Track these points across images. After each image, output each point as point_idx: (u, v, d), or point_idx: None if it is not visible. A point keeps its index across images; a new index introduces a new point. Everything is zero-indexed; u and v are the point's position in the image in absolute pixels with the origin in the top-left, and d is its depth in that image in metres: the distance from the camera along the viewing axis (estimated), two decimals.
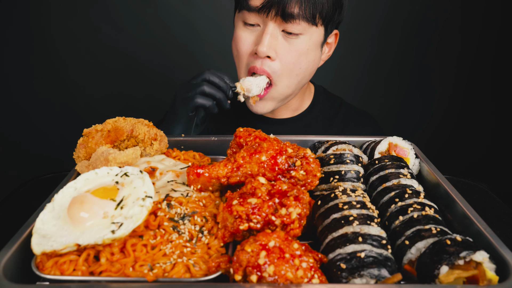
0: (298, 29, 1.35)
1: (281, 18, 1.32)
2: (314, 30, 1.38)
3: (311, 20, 1.33)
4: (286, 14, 1.30)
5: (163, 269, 0.80)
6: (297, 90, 1.52)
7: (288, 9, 1.29)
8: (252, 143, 1.06)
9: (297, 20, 1.32)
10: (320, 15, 1.35)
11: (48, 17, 2.82)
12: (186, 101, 1.36)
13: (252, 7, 1.35)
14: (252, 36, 1.41)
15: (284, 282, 0.74)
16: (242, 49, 1.43)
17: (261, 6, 1.32)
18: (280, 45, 1.38)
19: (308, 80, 1.55)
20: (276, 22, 1.35)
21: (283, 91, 1.46)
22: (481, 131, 3.26)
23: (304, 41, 1.38)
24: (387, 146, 1.23)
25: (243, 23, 1.42)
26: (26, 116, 3.06)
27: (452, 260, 0.75)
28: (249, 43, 1.42)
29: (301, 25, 1.34)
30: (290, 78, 1.43)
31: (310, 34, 1.38)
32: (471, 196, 1.37)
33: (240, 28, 1.44)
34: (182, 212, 0.91)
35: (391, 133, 1.28)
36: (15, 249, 0.82)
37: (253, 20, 1.39)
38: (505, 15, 2.92)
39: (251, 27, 1.41)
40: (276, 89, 1.44)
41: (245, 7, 1.37)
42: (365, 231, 0.83)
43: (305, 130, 1.69)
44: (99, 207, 0.85)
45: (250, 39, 1.41)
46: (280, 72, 1.41)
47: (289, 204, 0.85)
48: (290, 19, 1.31)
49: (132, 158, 1.03)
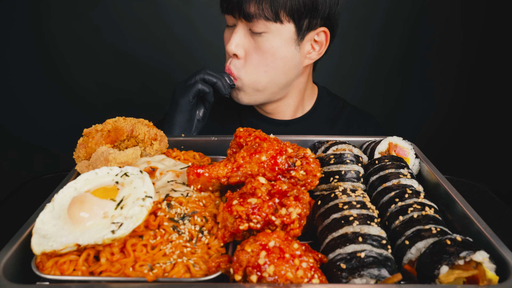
0: (260, 28, 1.38)
1: (243, 18, 1.38)
2: (280, 27, 1.39)
3: (272, 18, 1.36)
4: (245, 15, 1.36)
5: (163, 269, 0.80)
6: (274, 88, 1.54)
7: (245, 9, 1.35)
8: (252, 143, 1.06)
9: (255, 19, 1.36)
10: (285, 11, 1.36)
11: (49, 18, 2.82)
12: (186, 88, 1.43)
13: (223, 10, 1.46)
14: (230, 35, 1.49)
15: (284, 282, 0.74)
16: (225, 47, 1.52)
17: (225, 8, 1.42)
18: (247, 44, 1.44)
19: (288, 80, 1.54)
20: (243, 22, 1.41)
21: (250, 85, 1.50)
22: (481, 131, 3.26)
23: (269, 39, 1.41)
24: (387, 146, 1.23)
25: (226, 25, 1.53)
26: (27, 115, 3.06)
27: (452, 260, 0.75)
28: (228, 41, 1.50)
29: (262, 24, 1.37)
30: (257, 75, 1.48)
31: (276, 32, 1.40)
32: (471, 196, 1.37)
33: (226, 29, 1.54)
34: (182, 212, 0.91)
35: (391, 133, 1.28)
36: (15, 249, 0.82)
37: (231, 22, 1.47)
38: (505, 15, 2.92)
39: (231, 28, 1.49)
40: (242, 81, 1.50)
41: (221, 10, 1.48)
42: (365, 231, 0.83)
43: (308, 131, 1.68)
44: (99, 207, 0.85)
45: (228, 38, 1.50)
46: (244, 70, 1.47)
47: (289, 204, 0.85)
48: (250, 18, 1.37)
49: (132, 158, 1.04)
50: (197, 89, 1.42)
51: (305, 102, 1.72)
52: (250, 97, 1.54)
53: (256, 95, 1.54)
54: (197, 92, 1.43)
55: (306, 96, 1.71)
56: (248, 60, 1.46)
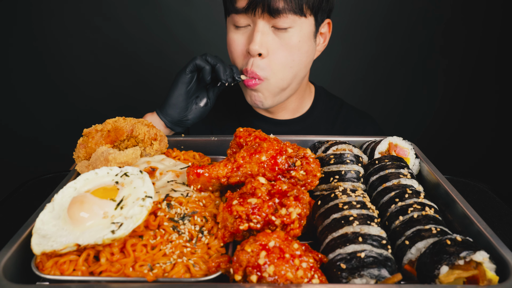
0: (287, 23, 1.35)
1: (269, 15, 1.33)
2: (304, 21, 1.38)
3: (298, 12, 1.34)
4: (273, 10, 1.31)
5: (163, 269, 0.80)
6: (294, 84, 1.52)
7: (273, 4, 1.31)
8: (252, 143, 1.06)
9: (284, 14, 1.33)
10: (307, 5, 1.35)
11: (49, 17, 2.82)
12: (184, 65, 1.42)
13: (239, 9, 1.37)
14: (244, 37, 1.43)
15: (284, 282, 0.74)
16: (235, 51, 1.45)
17: (247, 6, 1.34)
18: (271, 41, 1.38)
19: (305, 73, 1.55)
20: (265, 19, 1.36)
21: (277, 84, 1.46)
22: (481, 131, 3.26)
23: (295, 34, 1.38)
24: (387, 146, 1.23)
25: (234, 27, 1.44)
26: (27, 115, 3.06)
27: (452, 260, 0.75)
28: (241, 44, 1.44)
29: (289, 19, 1.34)
30: (284, 72, 1.44)
31: (300, 26, 1.38)
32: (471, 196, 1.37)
33: (231, 31, 1.46)
34: (182, 212, 0.91)
35: (391, 133, 1.28)
36: (15, 249, 0.82)
37: (243, 22, 1.40)
38: (506, 15, 2.92)
39: (241, 28, 1.43)
40: (271, 83, 1.45)
41: (232, 10, 1.39)
42: (365, 231, 0.83)
43: (307, 131, 1.69)
44: (99, 207, 0.85)
45: (242, 40, 1.43)
46: (271, 68, 1.42)
47: (289, 204, 0.85)
48: (277, 14, 1.32)
49: (132, 158, 1.04)
50: (194, 63, 1.39)
51: (304, 102, 1.72)
52: (274, 98, 1.50)
53: (280, 95, 1.51)
54: (193, 66, 1.40)
55: (305, 95, 1.72)
56: (273, 58, 1.40)
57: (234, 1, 1.38)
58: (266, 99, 1.48)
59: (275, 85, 1.45)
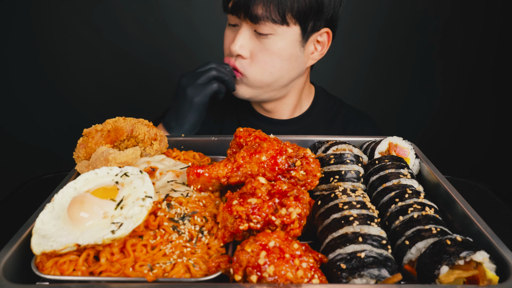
0: (266, 30, 1.38)
1: (249, 20, 1.37)
2: (286, 29, 1.39)
3: (279, 20, 1.35)
4: (252, 16, 1.35)
5: (163, 269, 0.80)
6: (277, 86, 1.53)
7: (253, 11, 1.34)
8: (252, 143, 1.06)
9: (262, 21, 1.35)
10: (292, 14, 1.35)
11: (49, 18, 2.82)
12: (202, 89, 1.42)
13: (227, 9, 1.44)
14: (233, 35, 1.47)
15: (284, 282, 0.74)
16: (226, 46, 1.52)
17: (231, 8, 1.40)
18: (253, 44, 1.43)
19: (295, 78, 1.56)
20: (248, 24, 1.40)
21: (255, 83, 1.50)
22: (481, 131, 3.26)
23: (276, 41, 1.40)
24: (387, 146, 1.23)
25: (228, 24, 1.51)
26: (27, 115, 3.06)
27: (452, 260, 0.75)
28: (230, 40, 1.49)
29: (268, 26, 1.37)
30: (263, 75, 1.47)
31: (282, 34, 1.40)
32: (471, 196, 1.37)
33: (227, 27, 1.53)
34: (182, 212, 0.91)
35: (391, 133, 1.27)
36: (15, 249, 0.81)
37: (233, 21, 1.46)
38: (506, 15, 2.92)
39: (233, 27, 1.48)
40: (249, 80, 1.49)
41: (224, 9, 1.47)
42: (365, 231, 0.83)
43: (306, 131, 1.69)
44: (99, 207, 0.85)
45: (231, 37, 1.48)
46: (250, 69, 1.46)
47: (289, 204, 0.85)
48: (257, 20, 1.36)
49: (132, 158, 1.04)
50: (214, 91, 1.42)
51: (302, 102, 1.73)
52: (252, 92, 1.54)
53: (258, 91, 1.54)
54: (213, 93, 1.43)
55: (304, 95, 1.72)
56: (254, 60, 1.45)
57: (224, 1, 1.45)
58: (244, 92, 1.54)
59: (253, 83, 1.50)
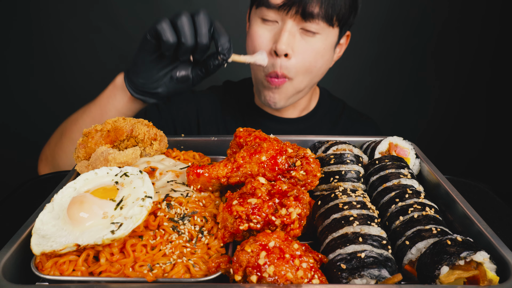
0: (316, 28, 1.36)
1: (301, 17, 1.33)
2: (330, 30, 1.39)
3: (329, 20, 1.35)
4: (306, 13, 1.31)
5: (163, 270, 0.79)
6: (308, 88, 1.53)
7: (308, 8, 1.30)
8: (252, 143, 1.06)
9: (316, 20, 1.33)
10: (337, 16, 1.36)
11: (48, 18, 2.82)
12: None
13: (272, 4, 1.34)
14: (270, 33, 1.40)
15: (284, 282, 0.73)
16: (260, 46, 1.41)
17: (282, 4, 1.32)
18: (297, 43, 1.38)
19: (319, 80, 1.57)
20: (295, 21, 1.35)
21: (297, 86, 1.46)
22: (481, 131, 3.26)
23: (321, 41, 1.39)
24: (388, 146, 1.23)
25: (261, 20, 1.41)
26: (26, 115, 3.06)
27: (452, 260, 0.75)
28: (267, 40, 1.40)
29: (319, 25, 1.35)
30: (305, 75, 1.44)
31: (327, 34, 1.39)
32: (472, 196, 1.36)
33: (257, 24, 1.42)
34: (182, 212, 0.91)
35: (391, 133, 1.27)
36: (14, 249, 0.81)
37: (272, 17, 1.38)
38: (504, 15, 2.92)
39: (269, 23, 1.40)
40: (292, 83, 1.44)
41: (264, 3, 1.36)
42: (365, 231, 0.82)
43: (310, 131, 1.70)
44: (98, 207, 0.85)
45: (268, 36, 1.40)
46: (296, 70, 1.41)
47: (289, 204, 0.84)
48: (310, 18, 1.32)
49: (131, 158, 1.03)
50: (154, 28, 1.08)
51: (310, 102, 1.75)
52: (288, 100, 1.50)
53: (293, 97, 1.51)
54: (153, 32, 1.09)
55: (312, 96, 1.75)
56: (297, 59, 1.39)
57: None
58: (281, 100, 1.49)
59: (295, 86, 1.46)
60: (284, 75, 1.41)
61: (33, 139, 3.10)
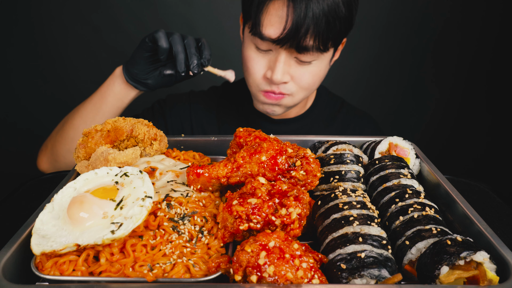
0: (310, 58, 1.36)
1: (295, 50, 1.32)
2: (325, 54, 1.40)
3: (323, 50, 1.35)
4: (301, 47, 1.31)
5: (163, 269, 0.80)
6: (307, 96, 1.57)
7: (302, 43, 1.29)
8: (252, 143, 1.06)
9: (310, 52, 1.33)
10: (332, 41, 1.35)
11: (49, 18, 2.82)
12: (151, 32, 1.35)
13: (265, 37, 1.33)
14: (265, 60, 1.40)
15: (284, 282, 0.73)
16: (254, 71, 1.43)
17: (276, 39, 1.30)
18: (293, 69, 1.39)
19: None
20: (289, 52, 1.35)
21: (296, 100, 1.50)
22: (481, 131, 3.26)
23: (317, 65, 1.41)
24: (388, 146, 1.23)
25: (254, 47, 1.41)
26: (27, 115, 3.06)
27: (452, 260, 0.75)
28: (261, 66, 1.41)
29: (313, 55, 1.35)
30: (304, 92, 1.48)
31: (322, 59, 1.40)
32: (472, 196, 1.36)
33: (251, 49, 1.42)
34: (182, 212, 0.91)
35: (391, 133, 1.27)
36: (14, 249, 0.81)
37: (265, 47, 1.37)
38: (505, 15, 2.92)
39: (263, 51, 1.40)
40: (293, 99, 1.48)
41: (257, 34, 1.34)
42: (365, 231, 0.83)
43: (307, 129, 1.71)
44: (98, 207, 0.85)
45: (263, 62, 1.41)
46: (297, 90, 1.45)
47: (289, 204, 0.84)
48: (304, 51, 1.32)
49: (132, 158, 1.03)
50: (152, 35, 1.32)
51: (307, 102, 1.75)
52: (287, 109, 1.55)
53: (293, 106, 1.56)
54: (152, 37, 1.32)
55: (309, 96, 1.74)
56: (296, 82, 1.42)
57: (260, 26, 1.32)
58: (280, 111, 1.53)
59: (294, 100, 1.49)
60: (282, 93, 1.44)
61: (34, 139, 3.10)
